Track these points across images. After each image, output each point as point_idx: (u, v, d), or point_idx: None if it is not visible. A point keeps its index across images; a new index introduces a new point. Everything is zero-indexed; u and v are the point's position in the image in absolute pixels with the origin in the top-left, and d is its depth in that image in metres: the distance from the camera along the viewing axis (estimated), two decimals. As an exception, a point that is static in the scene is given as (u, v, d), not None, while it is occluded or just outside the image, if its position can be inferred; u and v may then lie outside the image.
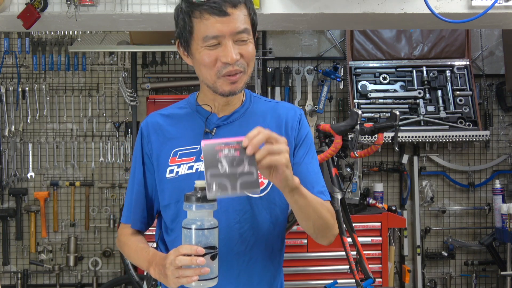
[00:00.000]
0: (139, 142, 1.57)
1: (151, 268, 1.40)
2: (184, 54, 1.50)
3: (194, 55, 1.45)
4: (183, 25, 1.44)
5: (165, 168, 1.50)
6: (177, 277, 1.25)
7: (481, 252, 4.26)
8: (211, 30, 1.39)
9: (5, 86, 4.01)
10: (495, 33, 4.26)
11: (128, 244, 1.57)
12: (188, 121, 1.53)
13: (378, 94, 4.01)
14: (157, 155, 1.52)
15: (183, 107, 1.57)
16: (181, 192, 1.38)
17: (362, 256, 2.43)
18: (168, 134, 1.52)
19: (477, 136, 3.91)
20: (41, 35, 4.03)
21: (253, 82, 4.08)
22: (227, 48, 1.39)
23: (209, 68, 1.42)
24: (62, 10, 2.43)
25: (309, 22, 2.71)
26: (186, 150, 1.50)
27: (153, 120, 1.55)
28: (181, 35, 1.46)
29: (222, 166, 1.22)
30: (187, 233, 1.27)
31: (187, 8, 1.42)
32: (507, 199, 4.13)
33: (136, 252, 1.52)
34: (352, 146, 2.34)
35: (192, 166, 1.48)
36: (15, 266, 4.09)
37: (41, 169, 4.07)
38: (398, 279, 4.14)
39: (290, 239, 3.39)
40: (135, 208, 1.57)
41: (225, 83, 1.43)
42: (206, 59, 1.41)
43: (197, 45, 1.42)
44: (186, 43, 1.46)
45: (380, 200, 3.93)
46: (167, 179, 1.49)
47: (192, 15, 1.41)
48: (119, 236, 1.63)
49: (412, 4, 2.52)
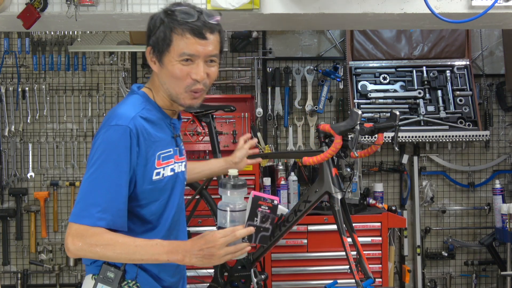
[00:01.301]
0: (127, 142, 1.56)
1: (177, 255, 1.54)
2: (152, 60, 1.66)
3: (166, 66, 1.62)
4: (162, 37, 1.60)
5: (152, 170, 1.62)
6: (230, 253, 1.54)
7: (481, 252, 4.26)
8: (189, 49, 1.59)
9: (5, 86, 4.01)
10: (495, 33, 4.26)
11: (118, 243, 1.54)
12: (160, 125, 1.68)
13: (378, 94, 4.01)
14: (145, 157, 1.60)
15: (151, 110, 1.66)
16: (164, 192, 1.66)
17: (362, 256, 2.43)
18: (152, 138, 1.62)
19: (477, 136, 3.91)
20: (41, 35, 4.03)
21: (253, 82, 4.08)
22: (199, 67, 1.61)
23: (179, 81, 1.62)
24: (62, 10, 2.43)
25: (309, 22, 2.72)
26: (166, 153, 1.66)
27: (140, 124, 1.59)
28: (157, 44, 1.62)
29: (257, 219, 1.58)
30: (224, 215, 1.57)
31: (170, 23, 1.59)
32: (507, 199, 4.13)
33: (138, 247, 1.55)
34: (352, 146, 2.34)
35: (173, 169, 1.70)
36: (15, 266, 4.09)
37: (41, 169, 4.07)
38: (398, 279, 4.14)
39: (290, 239, 3.39)
40: (121, 211, 1.57)
41: (188, 97, 1.65)
42: (178, 73, 1.60)
43: (171, 58, 1.60)
44: (159, 52, 1.62)
45: (380, 200, 3.93)
46: (152, 181, 1.62)
47: (173, 31, 1.59)
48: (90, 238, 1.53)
49: (412, 4, 2.52)
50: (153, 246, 1.56)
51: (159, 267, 1.70)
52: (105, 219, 1.54)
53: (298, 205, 2.63)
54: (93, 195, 1.55)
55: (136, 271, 1.66)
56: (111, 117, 1.60)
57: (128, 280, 1.66)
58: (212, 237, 1.53)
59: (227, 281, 2.81)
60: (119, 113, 1.60)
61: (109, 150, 1.56)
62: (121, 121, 1.57)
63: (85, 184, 1.57)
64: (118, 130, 1.56)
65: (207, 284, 3.01)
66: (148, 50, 1.66)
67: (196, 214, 3.23)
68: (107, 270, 1.63)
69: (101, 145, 1.57)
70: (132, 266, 1.66)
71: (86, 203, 1.55)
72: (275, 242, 2.73)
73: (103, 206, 1.54)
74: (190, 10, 1.60)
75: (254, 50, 4.10)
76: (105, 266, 1.64)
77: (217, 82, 4.10)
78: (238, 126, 3.88)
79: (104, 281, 1.63)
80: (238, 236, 1.54)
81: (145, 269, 1.68)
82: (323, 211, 3.43)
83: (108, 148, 1.56)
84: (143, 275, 1.68)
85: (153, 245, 1.56)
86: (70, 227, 1.55)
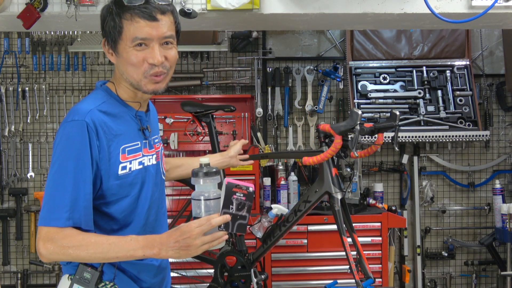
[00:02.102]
0: (84, 136, 1.51)
1: (153, 249, 1.50)
2: (109, 52, 1.62)
3: (121, 54, 1.58)
4: (113, 25, 1.56)
5: (117, 164, 1.57)
6: (207, 243, 1.50)
7: (481, 252, 4.26)
8: (141, 32, 1.54)
9: (5, 86, 4.01)
10: (495, 33, 4.26)
11: (90, 243, 1.51)
12: (123, 118, 1.63)
13: (378, 94, 4.01)
14: (108, 152, 1.55)
15: (112, 104, 1.62)
16: (134, 186, 1.61)
17: (362, 256, 2.43)
18: (113, 131, 1.57)
19: (477, 136, 3.91)
20: (41, 35, 4.03)
21: (253, 82, 4.08)
22: (154, 51, 1.56)
23: (136, 67, 1.57)
24: (62, 10, 2.43)
25: (309, 22, 2.71)
26: (132, 147, 1.62)
27: (98, 117, 1.54)
28: (109, 34, 1.58)
29: (233, 206, 1.53)
30: (198, 204, 1.53)
31: (118, 9, 1.55)
32: (507, 199, 4.13)
33: (112, 245, 1.51)
34: (352, 146, 2.33)
35: (142, 162, 1.65)
36: (15, 266, 4.09)
37: (41, 169, 4.07)
38: (398, 279, 4.14)
39: (290, 239, 3.39)
40: (87, 208, 1.53)
41: (150, 83, 1.60)
42: (133, 59, 1.56)
43: (125, 45, 1.56)
44: (113, 42, 1.59)
45: (380, 200, 3.93)
46: (119, 175, 1.57)
47: (122, 17, 1.55)
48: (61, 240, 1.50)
49: (412, 4, 2.52)
50: (127, 242, 1.52)
51: (138, 268, 1.67)
52: (73, 218, 1.50)
53: (298, 205, 2.63)
54: (58, 196, 1.51)
55: (114, 272, 1.62)
56: (69, 114, 1.56)
57: (106, 282, 1.62)
58: (187, 227, 1.49)
59: (227, 281, 2.81)
60: (76, 109, 1.57)
61: (68, 146, 1.51)
62: (77, 116, 1.53)
63: (49, 184, 1.53)
64: (74, 126, 1.52)
65: (207, 284, 3.01)
66: (103, 42, 1.63)
67: (196, 214, 3.22)
68: (84, 271, 1.59)
69: (60, 143, 1.53)
70: (110, 266, 1.62)
71: (53, 205, 1.51)
72: (275, 242, 2.73)
73: (70, 205, 1.50)
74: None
75: (254, 50, 4.10)
76: (81, 266, 1.59)
77: (217, 82, 4.10)
78: (238, 126, 3.88)
79: (80, 282, 1.59)
80: (213, 224, 1.50)
81: (123, 270, 1.65)
82: (323, 211, 3.43)
83: (67, 145, 1.52)
84: (121, 276, 1.64)
85: (127, 241, 1.52)
86: (40, 231, 1.52)
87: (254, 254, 2.81)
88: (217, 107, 3.00)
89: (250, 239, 3.16)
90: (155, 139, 1.77)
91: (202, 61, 4.15)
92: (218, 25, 2.82)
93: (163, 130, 3.78)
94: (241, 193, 1.54)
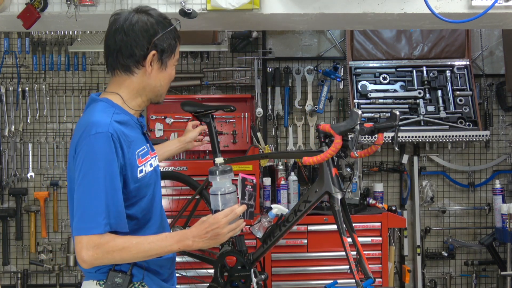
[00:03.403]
0: (111, 147, 1.62)
1: (186, 242, 1.69)
2: (152, 65, 1.76)
3: (168, 69, 1.81)
4: (173, 43, 1.78)
5: (135, 169, 1.71)
6: (232, 230, 1.72)
7: (481, 252, 4.26)
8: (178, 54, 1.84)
9: (5, 86, 4.01)
10: (495, 33, 4.26)
11: (132, 245, 1.64)
12: (131, 125, 1.76)
13: (378, 94, 4.01)
14: (129, 159, 1.69)
15: (119, 113, 1.73)
16: (149, 187, 1.77)
17: (362, 256, 2.43)
18: (128, 138, 1.70)
19: (477, 136, 3.91)
20: (41, 35, 4.03)
21: (253, 82, 4.08)
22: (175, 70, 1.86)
23: (170, 81, 1.85)
24: (62, 10, 2.43)
25: (309, 22, 2.72)
26: (142, 151, 1.76)
27: (117, 128, 1.66)
28: (165, 49, 1.76)
29: (246, 197, 1.87)
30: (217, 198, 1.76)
31: (176, 32, 1.79)
32: (507, 199, 4.13)
33: (151, 243, 1.66)
34: (352, 146, 2.33)
35: (152, 164, 1.81)
36: (15, 266, 4.09)
37: (41, 169, 4.07)
38: (398, 279, 4.14)
39: (290, 239, 3.39)
40: (121, 212, 1.65)
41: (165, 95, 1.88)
42: (173, 75, 1.85)
43: (172, 62, 1.82)
44: (166, 57, 1.78)
45: (380, 200, 3.93)
46: (138, 178, 1.71)
47: (177, 37, 1.80)
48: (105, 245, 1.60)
49: (412, 4, 2.52)
50: (163, 240, 1.68)
51: (160, 262, 1.81)
52: (110, 224, 1.61)
53: (298, 205, 2.63)
54: (93, 205, 1.60)
55: (143, 273, 1.76)
56: (89, 126, 1.64)
57: (134, 282, 1.75)
58: (214, 219, 1.70)
59: (227, 281, 2.81)
60: (95, 121, 1.65)
61: (97, 158, 1.61)
62: (100, 129, 1.62)
63: (81, 195, 1.61)
64: (101, 138, 1.61)
65: (207, 284, 3.01)
66: (152, 55, 1.74)
67: (196, 214, 3.23)
68: (115, 277, 1.71)
69: (88, 155, 1.62)
70: (139, 269, 1.75)
71: (90, 214, 1.60)
72: (275, 242, 2.72)
73: (106, 212, 1.60)
74: None
75: (254, 50, 4.10)
76: (112, 272, 1.71)
77: (217, 82, 4.10)
78: (238, 126, 3.88)
79: (112, 287, 1.70)
80: (238, 213, 1.73)
81: (147, 268, 1.78)
82: (323, 211, 3.43)
83: (96, 156, 1.61)
84: (148, 275, 1.78)
85: (163, 239, 1.69)
86: (81, 241, 1.60)
87: (254, 254, 2.81)
88: (217, 107, 2.99)
89: (250, 239, 3.15)
90: (150, 141, 1.91)
91: (202, 61, 4.15)
92: (218, 25, 2.82)
93: (163, 130, 3.78)
94: (250, 185, 1.84)
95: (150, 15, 1.75)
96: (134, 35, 1.71)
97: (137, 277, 1.75)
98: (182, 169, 3.44)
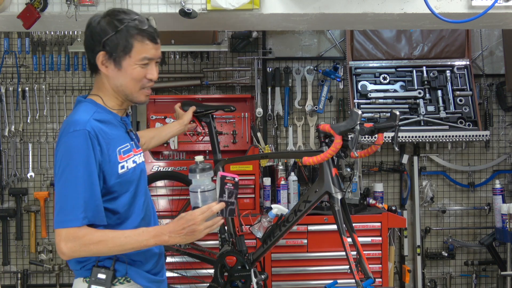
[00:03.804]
0: (88, 143, 1.69)
1: (162, 237, 1.72)
2: (105, 64, 1.80)
3: (125, 69, 1.79)
4: (124, 44, 1.77)
5: (116, 165, 1.76)
6: (209, 227, 1.74)
7: (481, 252, 4.26)
8: (149, 53, 1.80)
9: (5, 86, 4.01)
10: (495, 33, 4.26)
11: (109, 238, 1.70)
12: (113, 123, 1.83)
13: (378, 94, 4.01)
14: (108, 154, 1.74)
15: (101, 112, 1.80)
16: (132, 183, 1.81)
17: (362, 256, 2.43)
18: (108, 136, 1.77)
19: (477, 136, 3.91)
20: (41, 35, 4.03)
21: (253, 82, 4.08)
22: (153, 69, 1.84)
23: (136, 81, 1.81)
24: (62, 10, 2.44)
25: (309, 22, 2.72)
26: (125, 148, 1.82)
27: (96, 126, 1.73)
28: (115, 50, 1.77)
29: (225, 195, 1.80)
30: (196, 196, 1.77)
31: (130, 30, 1.77)
32: (507, 199, 4.13)
33: (128, 238, 1.71)
34: (352, 146, 2.33)
35: (135, 160, 1.86)
36: (15, 266, 4.09)
37: (41, 169, 4.07)
38: (398, 279, 4.14)
39: (290, 239, 3.39)
40: (98, 206, 1.71)
41: (142, 95, 1.86)
42: (137, 75, 1.80)
43: (131, 62, 1.79)
44: (117, 57, 1.78)
45: (380, 200, 3.93)
46: (119, 174, 1.77)
47: (134, 37, 1.77)
48: (82, 238, 1.66)
49: (412, 4, 2.52)
50: (140, 234, 1.73)
51: (145, 256, 1.86)
52: (87, 217, 1.68)
53: (298, 205, 2.63)
54: (72, 199, 1.67)
55: (126, 267, 1.81)
56: (68, 125, 1.73)
57: (118, 277, 1.81)
58: (191, 215, 1.73)
59: (227, 281, 2.81)
60: (74, 120, 1.73)
61: (75, 155, 1.68)
62: (78, 127, 1.70)
63: (60, 191, 1.69)
64: (78, 135, 1.69)
65: (207, 284, 3.01)
66: (101, 55, 1.79)
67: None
68: (98, 272, 1.77)
69: (66, 152, 1.70)
70: (122, 264, 1.81)
71: (68, 207, 1.67)
72: (275, 242, 2.72)
73: (84, 206, 1.67)
74: (142, 18, 1.81)
75: (254, 50, 4.10)
76: (95, 268, 1.77)
77: (217, 82, 4.10)
78: (238, 126, 3.88)
79: (96, 283, 1.76)
80: (214, 211, 1.75)
81: (133, 261, 1.84)
82: (323, 211, 3.43)
83: (73, 153, 1.69)
84: (132, 269, 1.83)
85: (140, 233, 1.73)
86: (60, 233, 1.67)
87: (254, 254, 2.81)
88: (217, 107, 3.00)
89: (250, 239, 3.16)
90: (135, 139, 1.97)
91: (202, 61, 4.15)
92: (218, 25, 2.82)
93: (163, 130, 3.77)
94: (231, 183, 1.81)
95: (111, 16, 1.80)
96: (89, 37, 1.81)
97: (120, 272, 1.80)
98: (182, 169, 3.45)
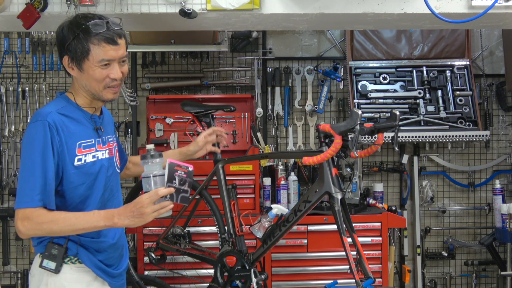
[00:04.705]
0: (46, 133, 1.85)
1: (113, 220, 1.85)
2: (70, 67, 1.94)
3: (86, 71, 1.91)
4: (80, 48, 1.88)
5: (73, 157, 1.91)
6: (156, 210, 1.83)
7: (481, 252, 4.26)
8: (107, 55, 1.90)
9: (5, 86, 4.01)
10: (495, 33, 4.26)
11: (60, 218, 1.84)
12: (80, 120, 1.97)
13: (378, 94, 4.01)
14: (66, 146, 1.89)
15: (70, 108, 1.96)
16: (89, 176, 1.94)
17: (362, 256, 2.43)
18: (71, 130, 1.91)
19: (477, 136, 3.91)
20: (41, 35, 4.03)
21: (253, 82, 4.08)
22: (115, 69, 1.93)
23: (99, 82, 1.93)
24: (62, 10, 2.44)
25: (309, 22, 2.72)
26: (86, 143, 1.95)
27: (58, 118, 1.89)
28: (74, 53, 1.90)
29: (176, 181, 1.88)
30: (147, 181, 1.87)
31: (86, 36, 1.87)
32: (507, 199, 4.13)
33: (79, 218, 1.86)
34: (352, 146, 2.33)
35: (95, 155, 1.98)
36: (15, 266, 4.09)
37: (41, 169, 4.07)
38: (398, 279, 4.14)
39: (290, 239, 3.39)
40: (50, 191, 1.85)
41: (109, 93, 1.97)
42: (98, 76, 1.92)
43: (90, 64, 1.90)
44: (78, 60, 1.91)
45: (380, 200, 3.93)
46: (75, 166, 1.91)
47: (89, 41, 1.88)
48: (36, 218, 1.82)
49: (412, 4, 2.52)
50: (90, 216, 1.87)
51: (98, 244, 1.99)
52: (43, 199, 1.84)
53: (298, 205, 2.63)
54: (30, 182, 1.84)
55: (77, 247, 1.95)
56: (34, 116, 1.91)
57: (71, 256, 1.95)
58: (139, 199, 1.84)
59: (227, 281, 2.81)
60: (39, 112, 1.91)
61: (35, 142, 1.85)
62: (40, 118, 1.87)
63: (21, 174, 1.88)
64: (38, 126, 1.86)
65: (207, 284, 3.01)
66: (66, 59, 1.93)
67: (196, 214, 3.23)
68: (52, 248, 1.92)
69: (27, 140, 1.88)
70: (73, 244, 1.95)
71: (26, 190, 1.84)
72: (275, 242, 2.72)
73: (40, 189, 1.83)
74: (99, 22, 1.89)
75: (254, 50, 4.10)
76: (49, 244, 1.93)
77: (217, 82, 4.10)
78: (238, 126, 3.88)
79: (49, 258, 1.92)
80: (160, 194, 1.84)
81: (87, 247, 1.97)
82: (323, 211, 3.43)
83: (33, 141, 1.86)
84: (83, 251, 1.97)
85: (90, 215, 1.88)
86: (17, 213, 1.84)
87: (254, 254, 2.81)
88: (217, 107, 2.99)
89: (250, 239, 3.15)
90: (109, 138, 2.09)
91: (202, 61, 4.15)
92: (218, 25, 2.82)
93: (163, 130, 3.78)
94: (182, 171, 1.89)
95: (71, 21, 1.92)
96: (57, 42, 1.96)
97: (71, 251, 1.95)
98: (182, 169, 3.44)
